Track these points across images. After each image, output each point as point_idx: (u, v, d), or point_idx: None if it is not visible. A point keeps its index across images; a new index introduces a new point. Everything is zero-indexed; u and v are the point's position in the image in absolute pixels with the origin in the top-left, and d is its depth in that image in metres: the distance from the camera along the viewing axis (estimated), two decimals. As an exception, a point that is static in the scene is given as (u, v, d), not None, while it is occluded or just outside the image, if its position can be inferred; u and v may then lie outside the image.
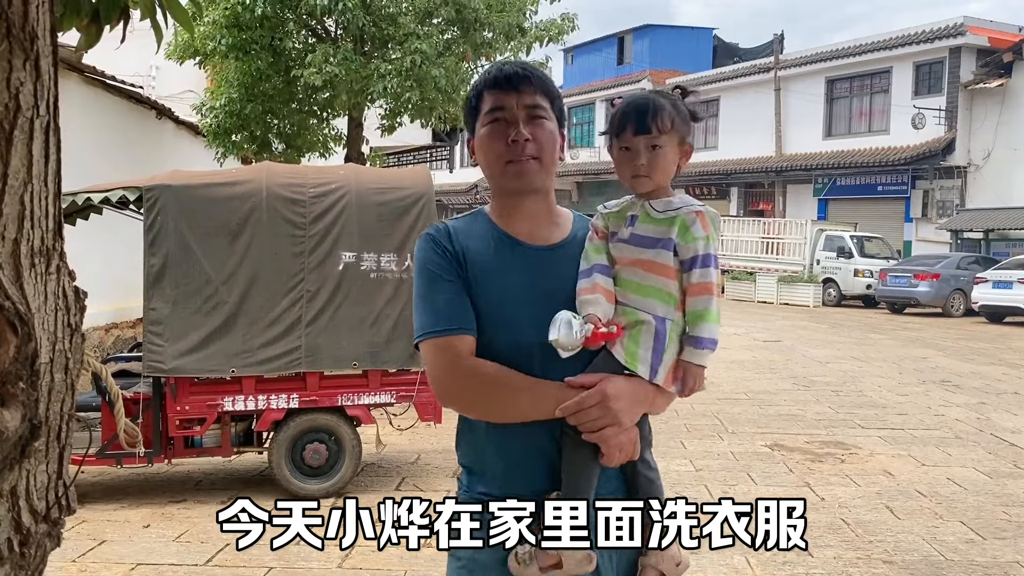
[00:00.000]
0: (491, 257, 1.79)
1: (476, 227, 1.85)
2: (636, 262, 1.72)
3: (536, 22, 13.80)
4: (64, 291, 1.18)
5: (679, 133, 1.74)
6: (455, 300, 1.75)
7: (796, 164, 27.48)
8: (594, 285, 1.72)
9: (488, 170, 1.82)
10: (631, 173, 1.74)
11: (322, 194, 5.88)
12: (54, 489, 1.17)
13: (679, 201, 1.73)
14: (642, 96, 1.77)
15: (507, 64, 1.87)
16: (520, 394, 1.70)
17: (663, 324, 1.70)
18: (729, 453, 7.08)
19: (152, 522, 5.39)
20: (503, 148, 1.76)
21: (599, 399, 1.66)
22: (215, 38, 12.50)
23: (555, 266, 1.80)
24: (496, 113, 1.78)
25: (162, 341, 5.58)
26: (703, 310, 1.69)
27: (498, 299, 1.75)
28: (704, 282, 1.68)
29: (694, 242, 1.68)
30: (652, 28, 37.04)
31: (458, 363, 1.72)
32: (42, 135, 1.12)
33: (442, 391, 1.78)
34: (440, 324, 1.73)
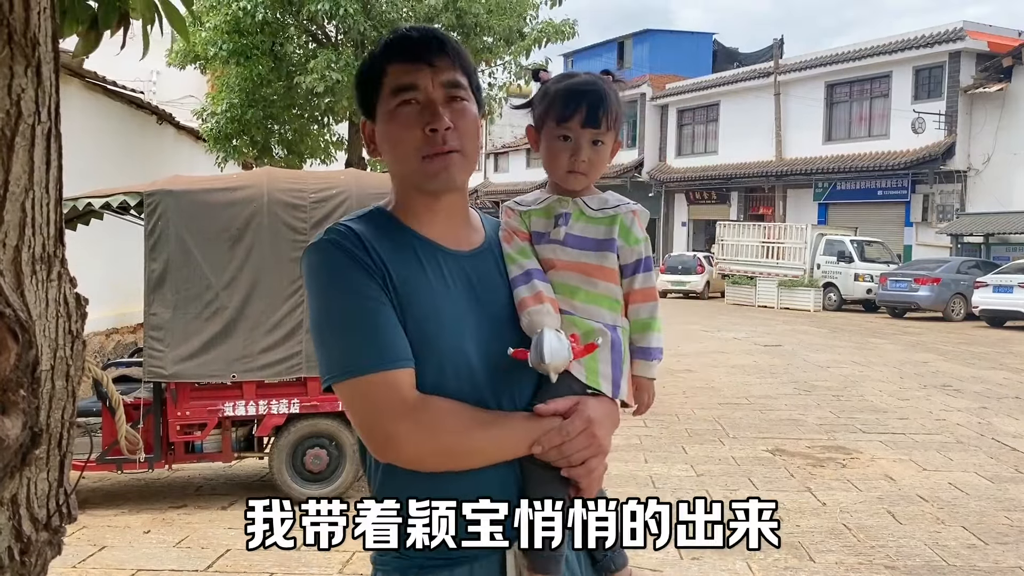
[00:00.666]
0: (417, 268, 1.46)
1: (386, 231, 1.48)
2: (577, 266, 1.52)
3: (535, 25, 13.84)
4: (65, 298, 1.18)
5: (618, 128, 1.57)
6: (387, 325, 1.39)
7: (796, 168, 27.49)
8: (538, 293, 1.48)
9: (398, 165, 1.49)
10: (568, 167, 1.53)
11: (323, 199, 5.88)
12: (55, 497, 1.16)
13: (614, 199, 1.57)
14: (589, 80, 1.55)
15: (412, 28, 1.51)
16: (487, 433, 1.40)
17: (616, 333, 1.52)
18: (730, 458, 7.06)
19: (153, 528, 5.39)
20: (419, 139, 1.43)
21: (584, 426, 1.42)
22: (216, 43, 12.54)
23: (483, 274, 1.52)
24: (406, 94, 1.44)
25: (163, 346, 5.57)
26: (649, 318, 1.55)
27: (435, 319, 1.43)
28: (648, 287, 1.55)
29: (637, 244, 1.53)
30: (652, 33, 37.12)
31: (403, 403, 1.36)
32: (43, 141, 1.12)
33: (383, 441, 1.39)
34: (372, 357, 1.37)
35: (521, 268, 1.52)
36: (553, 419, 1.42)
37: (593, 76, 1.56)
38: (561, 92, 1.54)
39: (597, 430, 1.43)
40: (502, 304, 1.50)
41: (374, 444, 1.40)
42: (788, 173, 27.76)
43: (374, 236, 1.45)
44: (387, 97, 1.46)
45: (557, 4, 13.51)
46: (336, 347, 1.40)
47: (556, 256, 1.53)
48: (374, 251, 1.42)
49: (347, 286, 1.40)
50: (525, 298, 1.48)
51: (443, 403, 1.39)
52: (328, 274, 1.42)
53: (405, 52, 1.45)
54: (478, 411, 1.41)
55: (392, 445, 1.38)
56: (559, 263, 1.53)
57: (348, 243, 1.42)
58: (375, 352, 1.37)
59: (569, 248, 1.52)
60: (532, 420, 1.42)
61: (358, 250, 1.42)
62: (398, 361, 1.38)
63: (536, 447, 1.40)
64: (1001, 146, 22.85)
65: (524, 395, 1.46)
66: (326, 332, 1.42)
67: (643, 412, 1.61)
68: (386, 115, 1.46)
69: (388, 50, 1.48)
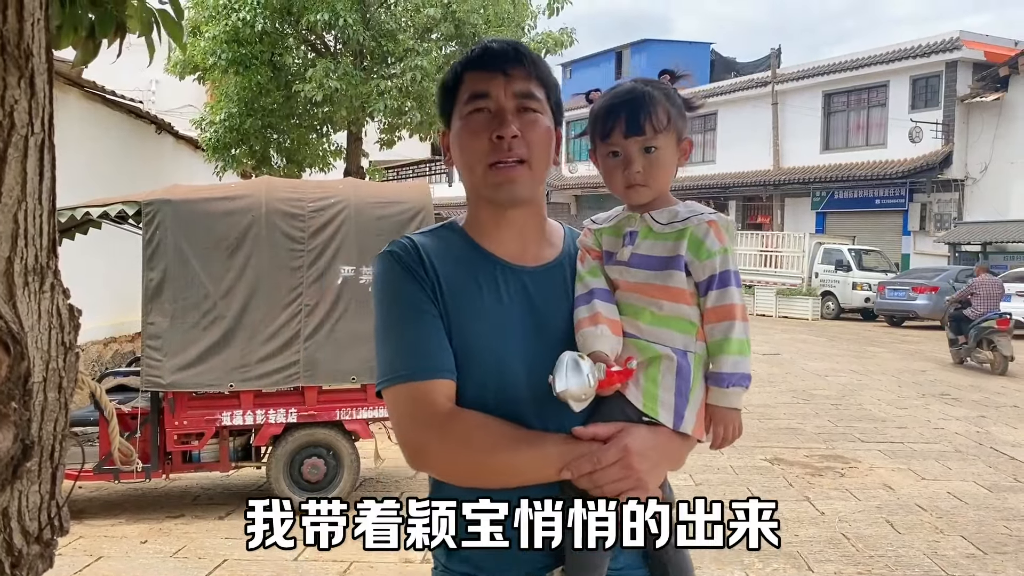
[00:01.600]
0: (470, 282, 1.45)
1: (449, 244, 1.50)
2: (643, 287, 1.42)
3: (534, 36, 13.89)
4: (58, 309, 1.17)
5: (676, 129, 1.46)
6: (431, 336, 1.40)
7: (794, 177, 27.51)
8: (596, 315, 1.41)
9: (466, 173, 1.47)
10: (624, 183, 1.45)
11: (321, 208, 5.89)
12: (47, 510, 1.16)
13: (685, 210, 1.44)
14: (628, 87, 1.47)
15: (495, 40, 1.51)
16: (516, 451, 1.35)
17: (685, 358, 1.39)
18: (729, 467, 7.05)
19: (149, 538, 5.37)
20: (486, 147, 1.42)
21: (619, 455, 1.32)
22: (215, 53, 12.57)
23: (547, 291, 1.48)
24: (478, 101, 1.44)
25: (160, 355, 5.57)
26: (723, 339, 1.39)
27: (480, 333, 1.42)
28: (724, 305, 1.39)
29: (710, 258, 1.39)
30: (650, 43, 37.21)
31: (435, 414, 1.36)
32: (36, 153, 1.12)
33: (415, 450, 1.40)
34: (412, 366, 1.38)
35: (586, 287, 1.46)
36: (590, 444, 1.34)
37: (635, 82, 1.48)
38: (599, 108, 1.47)
39: (636, 461, 1.33)
40: (562, 324, 1.44)
41: (406, 452, 1.42)
42: (786, 182, 27.78)
43: (435, 249, 1.47)
44: (461, 104, 1.46)
45: (555, 14, 13.56)
46: (385, 354, 1.43)
47: (622, 277, 1.45)
48: (429, 263, 1.44)
49: (398, 296, 1.43)
50: (582, 319, 1.42)
51: (475, 417, 1.37)
52: (384, 283, 1.46)
53: (482, 61, 1.46)
54: (511, 429, 1.37)
55: (422, 454, 1.40)
56: (624, 284, 1.45)
57: (405, 254, 1.45)
58: (414, 362, 1.39)
59: (634, 269, 1.43)
60: (567, 443, 1.34)
61: (413, 262, 1.44)
62: (437, 372, 1.38)
63: (566, 472, 1.33)
64: (998, 155, 22.88)
65: (575, 422, 1.36)
66: (379, 339, 1.45)
67: (720, 447, 1.45)
68: (458, 122, 1.47)
69: (468, 60, 1.49)
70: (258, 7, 12.24)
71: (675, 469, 1.44)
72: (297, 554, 4.99)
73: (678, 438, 1.40)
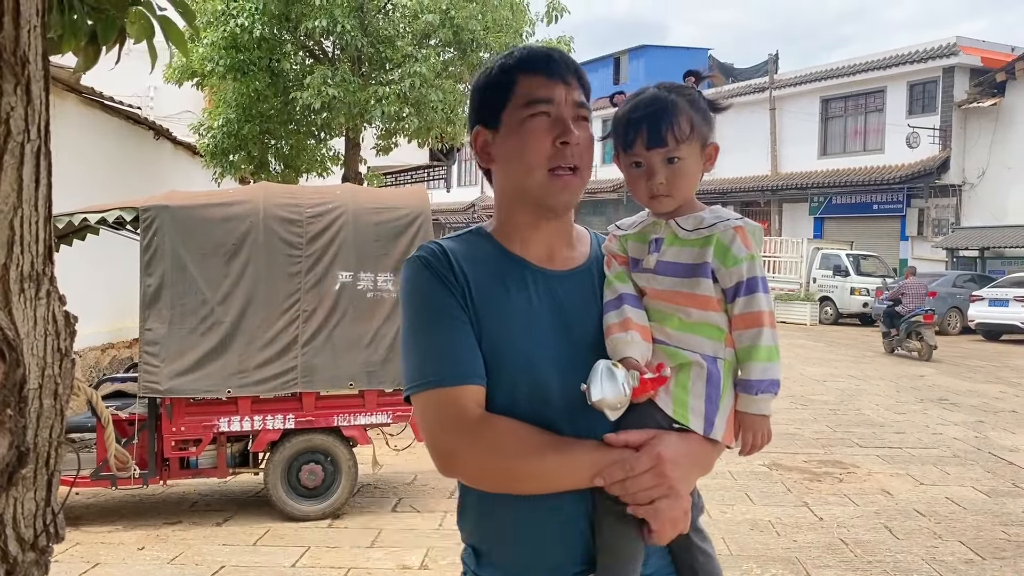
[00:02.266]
0: (499, 286, 1.45)
1: (477, 249, 1.50)
2: (670, 294, 1.42)
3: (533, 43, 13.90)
4: (54, 316, 1.17)
5: (700, 136, 1.44)
6: (461, 342, 1.40)
7: (792, 183, 27.56)
8: (625, 320, 1.40)
9: (521, 175, 1.45)
10: (648, 193, 1.44)
11: (319, 214, 5.89)
12: (42, 517, 1.15)
13: (711, 216, 1.43)
14: (651, 96, 1.45)
15: (547, 48, 1.51)
16: (547, 458, 1.35)
17: (715, 364, 1.39)
18: (727, 472, 7.04)
19: (147, 544, 5.35)
20: (549, 151, 1.42)
21: (652, 463, 1.32)
22: (213, 59, 12.57)
23: (575, 295, 1.48)
24: (541, 106, 1.43)
25: (158, 361, 5.56)
26: (751, 346, 1.39)
27: (511, 338, 1.41)
28: (752, 312, 1.38)
29: (736, 265, 1.38)
30: (648, 49, 37.30)
31: (465, 420, 1.36)
32: (33, 159, 1.12)
33: (445, 457, 1.40)
34: (442, 372, 1.38)
35: (615, 293, 1.45)
36: (623, 451, 1.34)
37: (657, 89, 1.46)
38: (621, 117, 1.47)
39: (668, 469, 1.32)
40: (591, 328, 1.44)
41: (436, 458, 1.41)
42: (784, 187, 27.83)
43: (464, 254, 1.47)
44: (518, 107, 1.44)
45: (553, 21, 13.57)
46: (413, 359, 1.42)
47: (649, 285, 1.44)
48: (459, 268, 1.44)
49: (427, 301, 1.42)
50: (612, 324, 1.42)
51: (506, 423, 1.36)
52: (413, 289, 1.45)
53: (542, 66, 1.45)
54: (543, 435, 1.36)
55: (452, 461, 1.39)
56: (651, 291, 1.44)
57: (435, 259, 1.45)
58: (443, 367, 1.38)
59: (660, 276, 1.43)
60: (599, 450, 1.34)
61: (443, 267, 1.44)
62: (467, 377, 1.37)
63: (598, 479, 1.33)
64: (995, 160, 22.93)
65: (607, 429, 1.36)
66: (407, 344, 1.44)
67: (749, 453, 1.44)
68: (515, 124, 1.44)
69: (524, 61, 1.47)
70: (256, 13, 12.25)
71: (705, 475, 1.44)
72: (295, 560, 4.98)
73: (708, 444, 1.40)
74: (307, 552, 5.14)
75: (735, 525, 5.68)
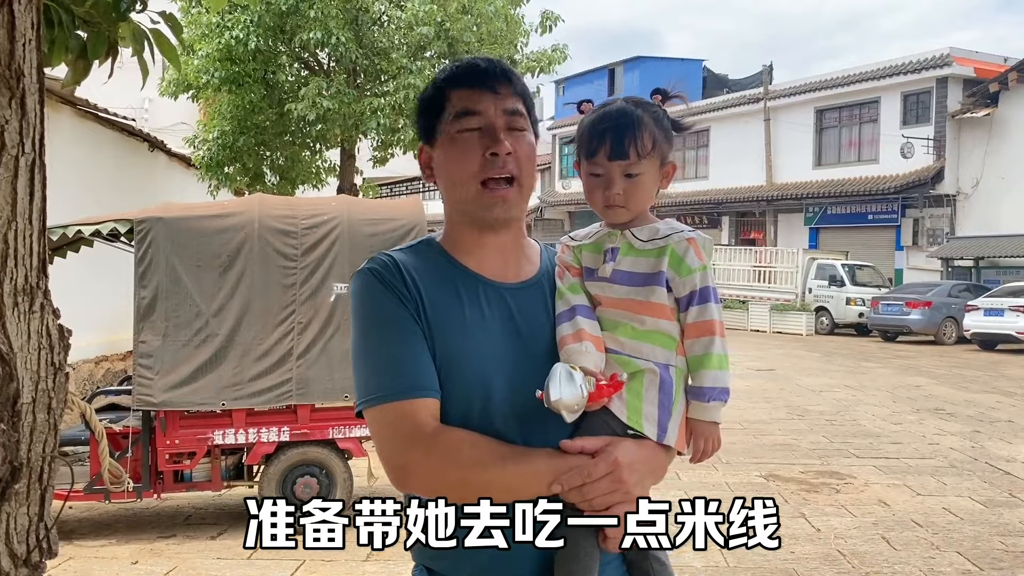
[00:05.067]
0: (453, 299, 1.44)
1: (429, 261, 1.48)
2: (625, 302, 1.45)
3: (527, 53, 13.94)
4: (48, 329, 1.16)
5: (660, 153, 1.48)
6: (415, 354, 1.39)
7: (787, 193, 27.63)
8: (579, 331, 1.42)
9: (454, 191, 1.46)
10: (604, 202, 1.48)
11: (314, 225, 5.88)
12: (35, 532, 1.14)
13: (665, 227, 1.47)
14: (618, 109, 1.47)
15: (478, 58, 1.51)
16: (507, 467, 1.35)
17: (667, 372, 1.42)
18: (724, 484, 7.03)
19: (140, 558, 5.32)
20: (479, 163, 1.42)
21: (609, 468, 1.33)
22: (208, 71, 12.59)
23: (528, 308, 1.48)
24: (469, 119, 1.43)
25: (152, 374, 5.54)
26: (704, 354, 1.43)
27: (465, 351, 1.41)
28: (704, 320, 1.43)
29: (690, 275, 1.43)
30: (643, 60, 37.40)
31: (420, 433, 1.35)
32: (27, 172, 1.12)
33: (399, 470, 1.38)
34: (395, 385, 1.37)
35: (567, 304, 1.47)
36: (579, 457, 1.34)
37: (625, 103, 1.48)
38: (588, 126, 1.49)
39: (625, 475, 1.34)
40: (544, 341, 1.45)
41: (390, 473, 1.39)
42: (779, 198, 27.89)
43: (415, 265, 1.46)
44: (449, 121, 1.45)
45: (548, 31, 13.63)
46: (365, 373, 1.41)
47: (604, 293, 1.47)
48: (411, 280, 1.43)
49: (379, 314, 1.41)
50: (565, 336, 1.43)
51: (461, 434, 1.36)
52: (364, 301, 1.43)
53: (469, 78, 1.45)
54: (499, 444, 1.36)
55: (406, 474, 1.37)
56: (606, 300, 1.47)
57: (385, 272, 1.44)
58: (397, 380, 1.37)
59: (616, 285, 1.46)
60: (556, 457, 1.35)
61: (395, 279, 1.43)
62: (420, 390, 1.37)
63: (556, 486, 1.33)
64: (989, 170, 23.02)
65: (559, 436, 1.38)
66: (358, 358, 1.43)
67: (699, 460, 1.47)
68: (447, 139, 1.46)
69: (453, 76, 1.47)
70: (251, 25, 12.28)
71: (658, 482, 1.45)
72: (290, 573, 4.95)
73: (661, 451, 1.42)
74: (302, 566, 5.11)
75: (732, 536, 5.66)
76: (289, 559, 5.23)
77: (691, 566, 5.10)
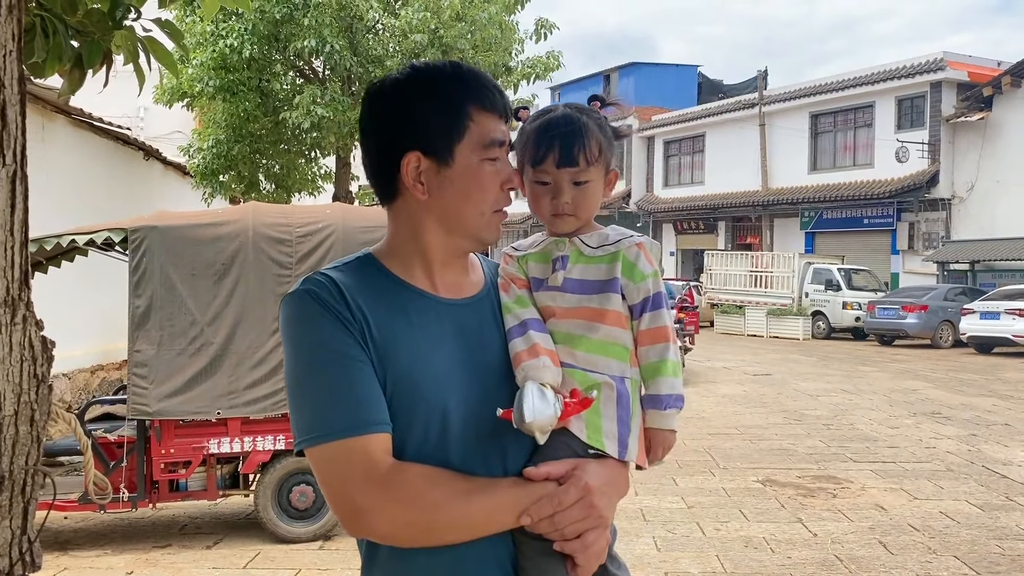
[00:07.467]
0: (402, 321, 1.34)
1: (371, 280, 1.37)
2: (578, 311, 1.40)
3: (522, 60, 13.96)
4: (30, 341, 1.15)
5: (606, 160, 1.43)
6: (362, 385, 1.27)
7: (782, 198, 27.68)
8: (534, 346, 1.35)
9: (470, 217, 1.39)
10: (552, 211, 1.42)
11: (308, 233, 5.87)
12: (18, 545, 1.13)
13: (615, 234, 1.43)
14: (562, 115, 1.42)
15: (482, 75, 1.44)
16: (470, 504, 1.26)
17: (623, 384, 1.37)
18: (721, 489, 7.02)
19: (136, 568, 5.29)
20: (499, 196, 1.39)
21: (580, 495, 1.27)
22: (203, 80, 12.60)
23: (478, 325, 1.40)
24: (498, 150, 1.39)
25: (147, 383, 5.52)
26: (659, 361, 1.39)
27: (417, 377, 1.30)
28: (657, 327, 1.39)
29: (643, 281, 1.39)
30: (637, 66, 37.50)
31: (375, 473, 1.23)
32: (8, 185, 1.11)
33: (354, 514, 1.25)
34: (343, 420, 1.24)
35: (517, 319, 1.39)
36: (545, 484, 1.27)
37: (569, 110, 1.44)
38: (533, 132, 1.43)
39: (596, 499, 1.27)
40: (497, 359, 1.37)
41: (343, 517, 1.27)
42: (774, 202, 27.94)
43: (356, 286, 1.34)
44: (475, 147, 1.35)
45: (542, 39, 13.65)
46: (306, 408, 1.28)
47: (555, 303, 1.41)
48: (354, 302, 1.31)
49: (320, 341, 1.28)
50: (520, 352, 1.35)
51: (420, 471, 1.26)
52: (301, 327, 1.30)
53: (496, 103, 1.38)
54: (460, 479, 1.27)
55: (361, 518, 1.25)
56: (559, 311, 1.40)
57: (325, 293, 1.30)
58: (345, 415, 1.24)
59: (568, 294, 1.40)
60: (521, 486, 1.27)
61: (336, 301, 1.30)
62: (371, 425, 1.25)
63: (525, 518, 1.25)
64: (984, 174, 23.08)
65: (519, 459, 1.32)
66: (297, 390, 1.29)
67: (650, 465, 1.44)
68: (472, 165, 1.35)
69: (477, 95, 1.37)
70: (245, 34, 12.29)
71: (622, 498, 1.40)
72: (286, 583, 4.94)
73: (623, 467, 1.38)
74: (298, 574, 5.09)
75: (729, 542, 5.65)
76: (285, 568, 5.21)
77: (687, 572, 5.09)
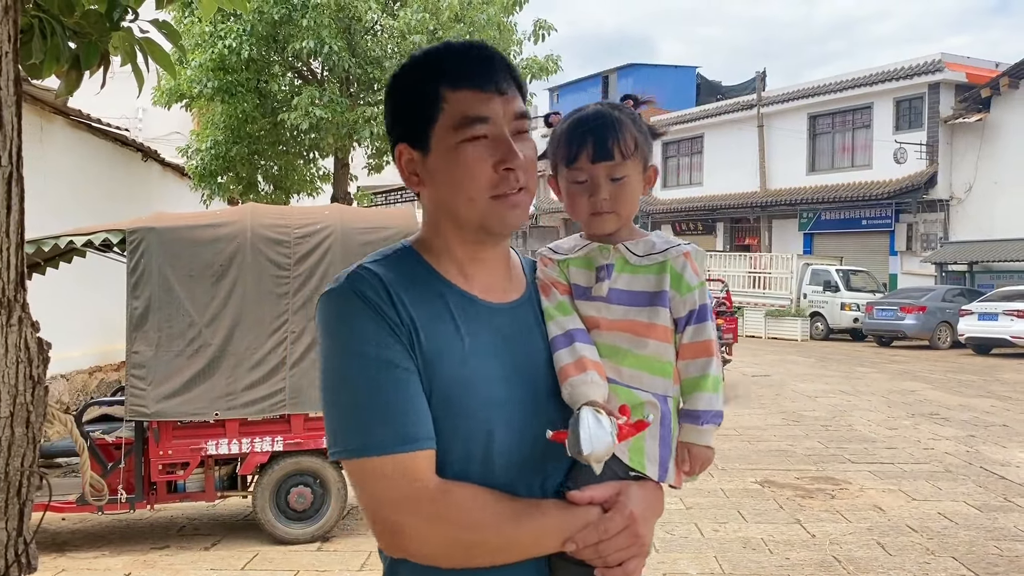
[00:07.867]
0: (449, 327, 1.24)
1: (415, 277, 1.27)
2: (625, 324, 1.32)
3: (520, 60, 13.97)
4: (26, 343, 1.15)
5: (643, 155, 1.37)
6: (408, 397, 1.18)
7: (781, 199, 27.69)
8: (581, 360, 1.27)
9: (458, 206, 1.25)
10: (590, 210, 1.35)
11: (307, 235, 5.87)
12: (13, 547, 1.13)
13: (661, 242, 1.36)
14: (595, 111, 1.37)
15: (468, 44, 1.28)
16: (520, 526, 1.19)
17: (666, 404, 1.31)
18: (719, 490, 7.02)
19: (134, 570, 5.29)
20: (491, 178, 1.22)
21: (625, 523, 1.21)
22: (201, 81, 12.59)
23: (522, 332, 1.30)
24: (477, 127, 1.22)
25: (145, 384, 5.52)
26: (701, 376, 1.33)
27: (464, 389, 1.21)
28: (703, 340, 1.33)
29: (690, 293, 1.32)
30: (636, 67, 37.53)
31: (421, 492, 1.16)
32: (4, 186, 1.11)
33: (394, 534, 1.18)
34: (388, 435, 1.16)
35: (561, 328, 1.31)
36: (590, 510, 1.22)
37: (600, 106, 1.38)
38: (565, 132, 1.37)
39: (640, 528, 1.22)
40: (541, 369, 1.28)
41: (381, 534, 1.20)
42: (773, 204, 27.95)
43: (401, 283, 1.23)
44: (449, 128, 1.22)
45: (541, 40, 13.65)
46: (346, 418, 1.19)
47: (600, 315, 1.33)
48: (400, 303, 1.21)
49: (365, 346, 1.18)
50: (566, 365, 1.27)
51: (467, 491, 1.18)
52: (345, 328, 1.20)
53: (470, 76, 1.23)
54: (505, 500, 1.20)
55: (402, 537, 1.18)
56: (604, 323, 1.32)
57: (371, 291, 1.21)
58: (389, 430, 1.16)
59: (614, 305, 1.32)
60: (566, 511, 1.21)
61: (383, 301, 1.20)
62: (416, 442, 1.17)
63: (570, 544, 1.19)
64: (982, 175, 23.10)
65: (556, 478, 1.26)
66: (336, 397, 1.20)
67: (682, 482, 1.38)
68: (449, 149, 1.23)
69: (447, 72, 1.23)
70: (244, 35, 12.29)
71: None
72: (284, 585, 4.93)
73: (660, 490, 1.33)
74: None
75: (728, 543, 5.65)
76: (283, 570, 5.21)
77: (686, 573, 5.09)
